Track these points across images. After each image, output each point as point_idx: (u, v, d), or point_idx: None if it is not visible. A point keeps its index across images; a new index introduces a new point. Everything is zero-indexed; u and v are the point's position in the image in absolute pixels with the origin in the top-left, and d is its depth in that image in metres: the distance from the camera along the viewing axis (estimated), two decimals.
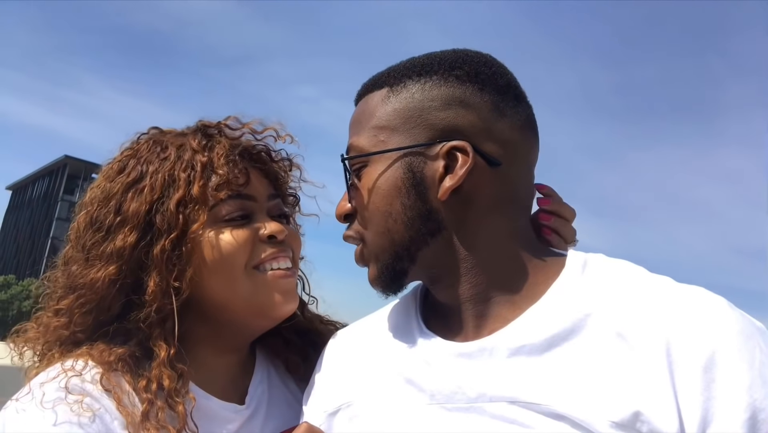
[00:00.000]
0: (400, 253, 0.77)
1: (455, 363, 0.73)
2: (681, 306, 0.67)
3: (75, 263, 0.93)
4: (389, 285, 0.81)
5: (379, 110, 0.79)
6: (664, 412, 0.61)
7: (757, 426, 0.60)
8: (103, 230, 0.91)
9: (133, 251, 0.89)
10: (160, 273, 0.89)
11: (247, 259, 0.94)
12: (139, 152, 0.97)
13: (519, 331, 0.71)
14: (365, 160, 0.79)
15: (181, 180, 0.92)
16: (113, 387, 0.84)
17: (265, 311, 0.96)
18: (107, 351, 0.88)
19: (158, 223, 0.90)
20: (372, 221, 0.78)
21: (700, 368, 0.62)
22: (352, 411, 0.81)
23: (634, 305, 0.68)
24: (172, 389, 0.86)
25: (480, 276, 0.76)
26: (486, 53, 0.82)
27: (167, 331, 0.90)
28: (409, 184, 0.75)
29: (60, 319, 0.92)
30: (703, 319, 0.65)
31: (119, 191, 0.92)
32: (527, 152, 0.79)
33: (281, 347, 1.09)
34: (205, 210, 0.91)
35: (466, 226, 0.76)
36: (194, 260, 0.91)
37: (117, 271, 0.89)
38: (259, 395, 1.03)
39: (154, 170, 0.93)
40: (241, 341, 1.03)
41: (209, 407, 0.94)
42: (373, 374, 0.82)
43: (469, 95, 0.75)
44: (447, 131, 0.74)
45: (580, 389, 0.65)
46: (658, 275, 0.73)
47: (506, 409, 0.68)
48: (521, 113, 0.78)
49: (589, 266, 0.75)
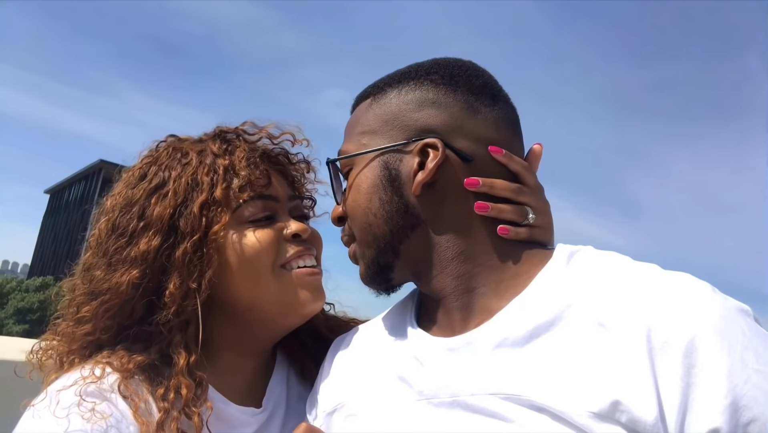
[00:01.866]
0: (382, 247, 0.81)
1: (443, 358, 0.75)
2: (661, 292, 0.65)
3: (97, 269, 0.94)
4: (377, 280, 0.85)
5: (363, 117, 0.85)
6: (644, 400, 0.60)
7: (739, 412, 0.58)
8: (126, 235, 0.92)
9: (157, 255, 0.90)
10: (180, 275, 0.89)
11: (274, 258, 0.95)
12: (159, 159, 0.98)
13: (502, 323, 0.72)
14: (351, 163, 0.84)
15: (204, 184, 0.93)
16: (131, 394, 0.85)
17: (293, 308, 0.97)
18: (126, 358, 0.88)
19: (182, 226, 0.91)
20: (356, 218, 0.83)
21: (679, 353, 0.60)
22: (347, 410, 0.83)
23: (614, 293, 0.67)
24: (189, 399, 0.86)
25: (461, 266, 0.78)
26: (466, 60, 0.86)
27: (188, 336, 0.90)
28: (386, 181, 0.80)
29: (84, 327, 0.93)
30: (684, 304, 0.63)
31: (142, 197, 0.94)
32: (504, 147, 0.80)
33: (299, 350, 1.10)
34: (228, 212, 0.93)
35: (443, 219, 0.79)
36: (217, 262, 0.91)
37: (141, 274, 0.90)
38: (276, 397, 1.03)
39: (177, 175, 0.94)
40: (264, 344, 1.04)
41: (227, 412, 0.94)
42: (368, 374, 0.84)
43: (441, 96, 0.80)
44: (421, 131, 0.79)
45: (560, 380, 0.65)
46: (644, 263, 0.71)
47: (487, 401, 0.68)
48: (497, 111, 0.81)
49: (575, 258, 0.75)
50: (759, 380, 0.59)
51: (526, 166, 0.82)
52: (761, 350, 0.61)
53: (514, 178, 0.80)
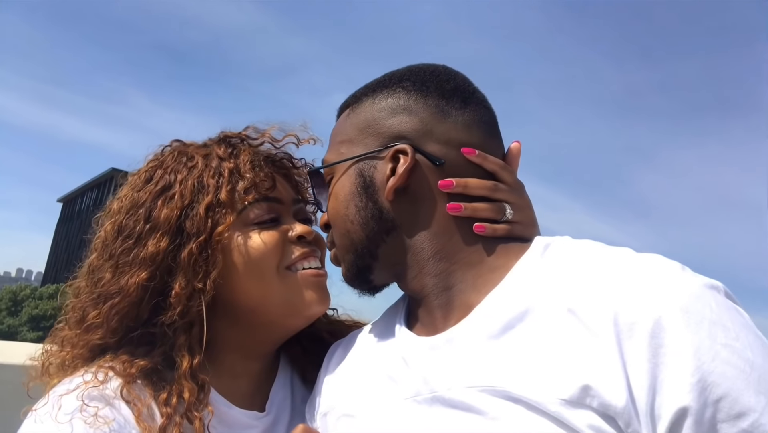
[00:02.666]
0: (360, 251, 0.84)
1: (426, 357, 0.77)
2: (628, 275, 0.65)
3: (104, 272, 0.94)
4: (357, 282, 0.89)
5: (341, 127, 0.89)
6: (614, 384, 0.60)
7: (708, 389, 0.57)
8: (133, 237, 0.93)
9: (165, 256, 0.91)
10: (186, 276, 0.90)
11: (279, 260, 0.96)
12: (164, 163, 0.99)
13: (479, 317, 0.74)
14: (332, 172, 0.88)
15: (209, 186, 0.95)
16: (133, 399, 0.85)
17: (298, 310, 0.97)
18: (129, 363, 0.89)
19: (188, 227, 0.92)
20: (336, 225, 0.87)
21: (646, 334, 0.60)
22: (341, 411, 0.85)
23: (583, 279, 0.67)
24: (191, 403, 0.86)
25: (438, 265, 0.80)
26: (441, 65, 0.88)
27: (193, 338, 0.91)
28: (361, 188, 0.83)
29: (96, 332, 0.92)
30: (650, 285, 0.63)
31: (148, 200, 0.95)
32: (476, 149, 0.81)
33: (302, 354, 1.10)
34: (233, 213, 0.94)
35: (417, 222, 0.81)
36: (222, 262, 0.92)
37: (149, 276, 0.90)
38: (280, 400, 1.04)
39: (183, 178, 0.95)
40: (269, 346, 1.04)
41: (230, 416, 0.95)
42: (361, 375, 0.86)
43: (412, 102, 0.82)
44: (393, 137, 0.82)
45: (532, 369, 0.65)
46: (617, 247, 0.71)
47: (463, 394, 0.69)
48: (468, 114, 0.82)
49: (550, 248, 0.75)
50: (728, 354, 0.58)
51: (502, 164, 0.83)
52: (730, 325, 0.60)
53: (491, 178, 0.82)
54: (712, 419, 0.57)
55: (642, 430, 0.59)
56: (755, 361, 0.58)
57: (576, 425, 0.60)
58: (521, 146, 0.87)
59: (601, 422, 0.60)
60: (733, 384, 0.57)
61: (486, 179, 0.81)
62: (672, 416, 0.57)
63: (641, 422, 0.59)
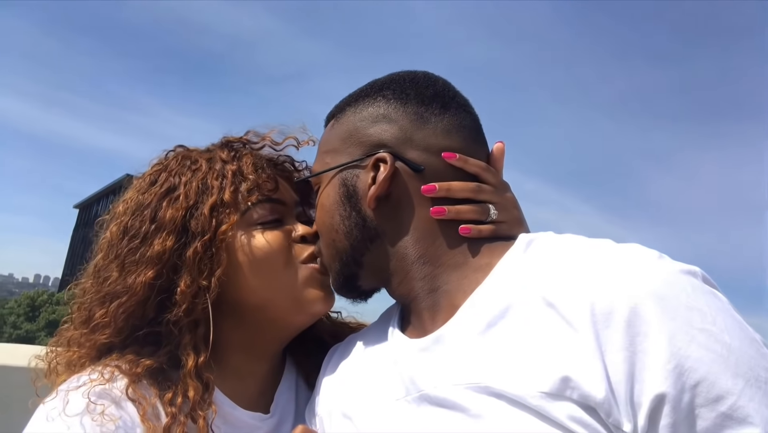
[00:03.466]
0: (345, 260, 0.86)
1: (414, 358, 0.78)
2: (604, 265, 0.65)
3: (110, 272, 0.95)
4: (346, 290, 0.91)
5: (326, 137, 0.91)
6: (593, 374, 0.60)
7: (685, 375, 0.57)
8: (139, 237, 0.94)
9: (171, 255, 0.92)
10: (191, 274, 0.91)
11: (284, 259, 0.98)
12: (169, 166, 1.01)
13: (464, 316, 0.74)
14: (318, 182, 0.89)
15: (213, 187, 0.96)
16: (139, 398, 0.86)
17: (304, 306, 0.98)
18: (135, 362, 0.90)
19: (192, 227, 0.94)
20: (322, 235, 0.89)
21: (623, 322, 0.60)
22: (338, 413, 0.86)
23: (561, 272, 0.68)
24: (196, 402, 0.87)
25: (422, 269, 0.81)
26: (422, 72, 0.89)
27: (198, 337, 0.92)
28: (344, 198, 0.84)
29: (103, 332, 0.93)
30: (625, 274, 0.63)
31: (153, 201, 0.96)
32: (457, 153, 0.81)
33: (307, 357, 1.11)
34: (237, 213, 0.96)
35: (401, 228, 0.82)
36: (226, 261, 0.94)
37: (156, 274, 0.91)
38: (284, 403, 1.05)
39: (187, 180, 0.97)
40: (274, 346, 1.05)
41: (235, 417, 0.96)
42: (357, 378, 0.88)
43: (392, 110, 0.83)
44: (374, 146, 0.83)
45: (514, 364, 0.66)
46: (597, 239, 0.72)
47: (448, 392, 0.70)
48: (448, 119, 0.83)
49: (533, 244, 0.76)
50: (704, 339, 0.58)
51: (484, 165, 0.84)
52: (706, 309, 0.60)
53: (475, 181, 0.82)
54: (691, 404, 0.56)
55: (623, 419, 0.59)
56: (732, 344, 0.58)
57: (557, 418, 0.61)
58: (505, 147, 0.88)
59: (582, 414, 0.60)
60: (710, 368, 0.57)
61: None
62: (650, 403, 0.57)
63: (621, 411, 0.59)
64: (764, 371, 0.58)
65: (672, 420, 0.57)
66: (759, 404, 0.56)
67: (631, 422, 0.58)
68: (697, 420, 0.56)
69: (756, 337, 0.61)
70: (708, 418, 0.56)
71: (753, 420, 0.55)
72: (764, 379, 0.57)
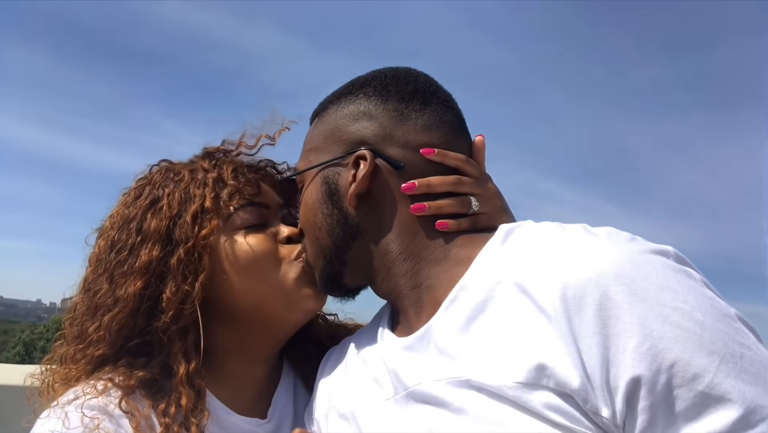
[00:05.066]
0: (328, 257, 0.86)
1: (400, 356, 0.78)
2: (576, 250, 0.64)
3: (99, 285, 0.96)
4: (331, 288, 0.91)
5: (310, 135, 0.91)
6: (567, 361, 0.59)
7: (660, 356, 0.56)
8: (126, 249, 0.95)
9: (158, 264, 0.93)
10: (175, 280, 0.93)
11: (270, 260, 0.98)
12: (153, 180, 1.03)
13: (447, 311, 0.74)
14: (302, 180, 0.90)
15: (195, 196, 0.98)
16: (132, 410, 0.86)
17: (295, 303, 0.98)
18: (128, 374, 0.90)
19: (176, 235, 0.95)
20: (306, 232, 0.90)
21: (594, 306, 0.59)
22: (334, 414, 0.87)
23: (534, 259, 0.67)
24: (189, 409, 0.88)
25: (404, 265, 0.80)
26: (405, 68, 0.88)
27: (188, 344, 0.92)
28: (326, 196, 0.84)
29: (98, 346, 0.94)
30: (596, 257, 0.62)
31: (138, 214, 0.97)
32: (438, 149, 0.81)
33: (304, 360, 1.11)
34: (218, 218, 0.96)
35: (382, 225, 0.82)
36: (209, 266, 0.95)
37: (144, 284, 0.92)
38: (282, 407, 1.05)
39: (170, 191, 0.99)
40: (269, 349, 1.05)
41: (231, 423, 0.96)
42: (350, 379, 0.88)
43: (372, 107, 0.83)
44: (355, 143, 0.83)
45: (491, 355, 0.65)
46: (572, 224, 0.71)
47: (431, 387, 0.70)
48: (428, 115, 0.83)
49: (512, 234, 0.75)
50: (677, 318, 0.57)
51: (464, 158, 0.83)
52: (678, 288, 0.59)
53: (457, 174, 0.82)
54: (668, 385, 0.56)
55: (600, 404, 0.58)
56: (705, 321, 0.57)
57: (534, 407, 0.60)
58: (485, 139, 0.88)
59: (559, 402, 0.59)
60: (684, 347, 0.56)
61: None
62: (626, 387, 0.57)
63: (598, 396, 0.58)
64: (739, 346, 0.57)
65: (649, 402, 0.56)
66: (735, 379, 0.55)
67: (609, 408, 0.58)
68: (676, 401, 0.55)
69: (730, 312, 0.60)
70: (686, 398, 0.55)
71: (731, 396, 0.54)
72: (739, 354, 0.56)
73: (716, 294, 0.62)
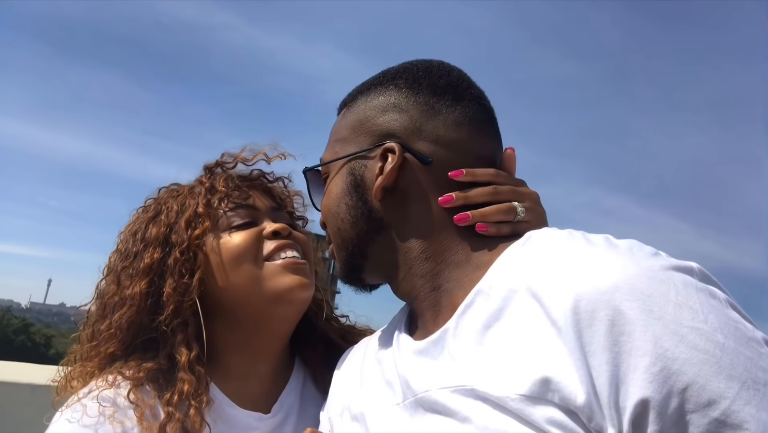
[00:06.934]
0: (351, 249, 0.84)
1: (411, 361, 0.77)
2: (593, 262, 0.61)
3: (108, 289, 1.07)
4: (350, 279, 0.89)
5: (337, 126, 0.89)
6: (574, 377, 0.57)
7: (672, 378, 0.53)
8: (131, 255, 1.06)
9: (158, 265, 1.03)
10: (174, 277, 1.01)
11: (256, 253, 1.05)
12: (158, 198, 1.14)
13: (462, 317, 0.72)
14: (327, 171, 0.88)
15: (190, 205, 1.08)
16: (138, 401, 0.93)
17: (282, 296, 1.03)
18: (137, 367, 0.99)
19: (173, 239, 1.05)
20: (329, 223, 0.87)
21: (607, 322, 0.56)
22: (347, 414, 0.86)
23: (550, 269, 0.64)
24: (189, 393, 0.94)
25: (424, 265, 0.79)
26: (437, 61, 0.86)
27: (189, 335, 1.00)
28: (351, 187, 0.83)
29: (108, 343, 1.03)
30: (613, 270, 0.58)
31: (142, 226, 1.09)
32: (467, 147, 0.80)
33: (316, 359, 1.16)
34: (209, 220, 1.06)
35: (406, 221, 0.80)
36: (203, 263, 1.04)
37: (148, 283, 1.02)
38: (289, 403, 1.09)
39: (170, 205, 1.10)
40: (272, 345, 1.10)
41: (232, 415, 1.01)
42: (365, 380, 0.87)
43: (403, 100, 0.81)
44: (383, 135, 0.81)
45: (499, 365, 0.63)
46: (596, 234, 0.68)
47: (438, 395, 0.68)
48: (459, 111, 0.80)
49: (531, 240, 0.72)
50: (694, 338, 0.54)
51: (494, 172, 0.80)
52: (698, 307, 0.55)
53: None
54: (680, 409, 0.52)
55: (606, 424, 0.55)
56: (726, 343, 0.54)
57: (536, 421, 0.58)
58: (515, 152, 0.85)
59: (563, 417, 0.57)
60: (699, 370, 0.52)
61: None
62: (634, 409, 0.53)
63: (605, 415, 0.55)
64: (763, 373, 0.53)
65: (659, 427, 0.53)
66: (757, 408, 0.51)
67: (615, 428, 0.54)
68: (688, 427, 0.52)
69: (756, 335, 0.56)
70: (700, 424, 0.52)
71: (749, 426, 0.51)
72: (763, 381, 0.53)
73: (743, 315, 0.58)
